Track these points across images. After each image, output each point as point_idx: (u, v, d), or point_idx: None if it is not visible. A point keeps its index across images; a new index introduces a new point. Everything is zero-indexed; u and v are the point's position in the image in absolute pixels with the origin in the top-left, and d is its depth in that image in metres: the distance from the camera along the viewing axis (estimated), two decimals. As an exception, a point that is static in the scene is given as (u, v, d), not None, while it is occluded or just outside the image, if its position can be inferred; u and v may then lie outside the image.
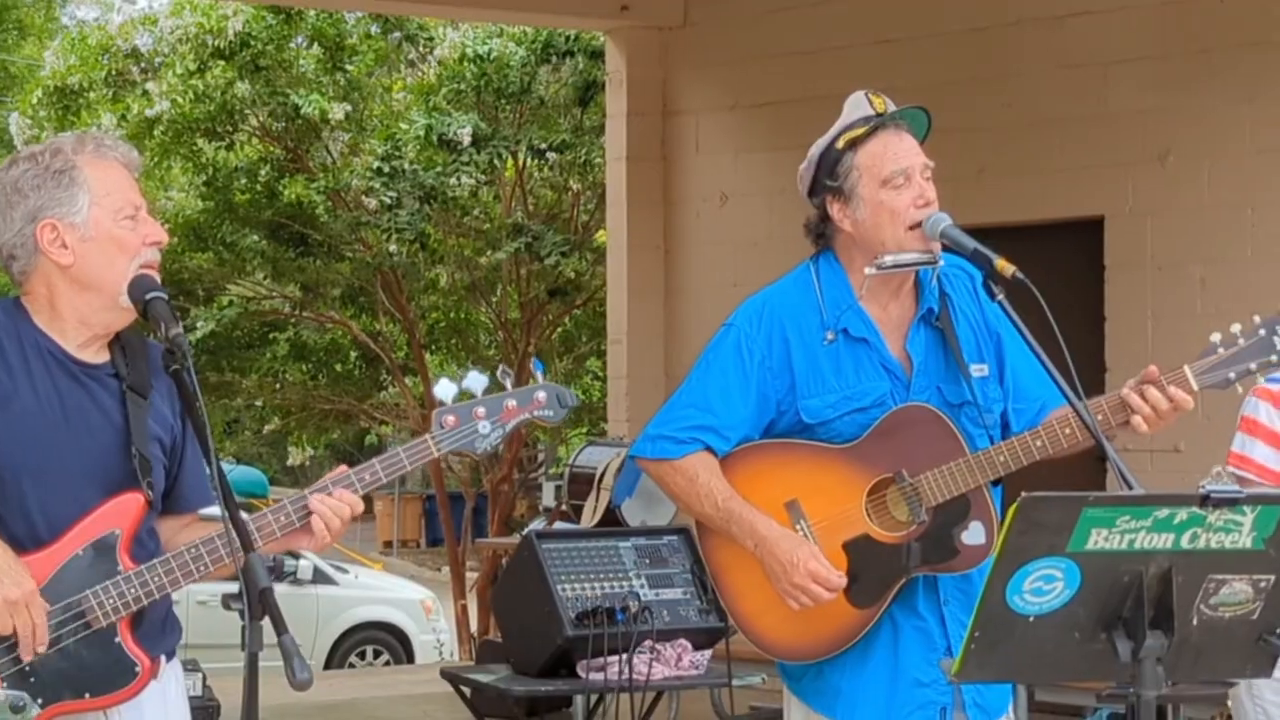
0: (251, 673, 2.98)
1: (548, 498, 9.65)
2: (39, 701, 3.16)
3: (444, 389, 3.40)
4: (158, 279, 3.36)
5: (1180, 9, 8.27)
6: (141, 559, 3.24)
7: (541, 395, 3.42)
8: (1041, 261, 8.51)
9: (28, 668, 3.16)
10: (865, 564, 3.74)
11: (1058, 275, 8.54)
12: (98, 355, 3.34)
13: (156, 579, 3.21)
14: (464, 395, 3.39)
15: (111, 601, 3.19)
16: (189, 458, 3.38)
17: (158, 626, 3.34)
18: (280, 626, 2.91)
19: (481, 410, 3.38)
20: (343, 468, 3.36)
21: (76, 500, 3.22)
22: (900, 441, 3.74)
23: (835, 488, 3.75)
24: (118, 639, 3.21)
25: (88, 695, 3.19)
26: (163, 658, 3.36)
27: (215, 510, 3.23)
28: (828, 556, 3.76)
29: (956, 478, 3.72)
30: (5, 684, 3.14)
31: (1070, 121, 8.61)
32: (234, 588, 3.04)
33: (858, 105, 3.86)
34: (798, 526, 3.78)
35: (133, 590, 3.20)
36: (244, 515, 3.18)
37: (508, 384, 3.42)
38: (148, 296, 3.29)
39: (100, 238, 3.28)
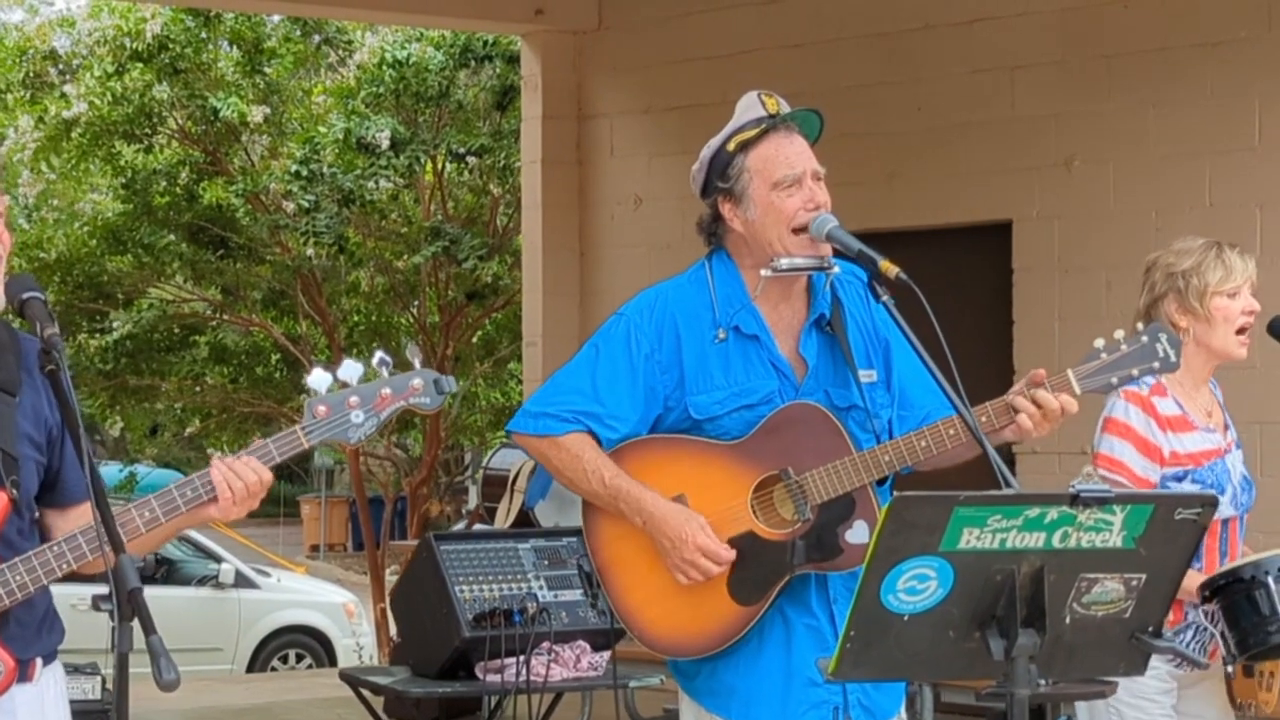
0: (121, 674, 2.96)
1: (474, 501, 9.64)
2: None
3: (317, 379, 3.34)
4: (31, 278, 3.31)
5: (1084, 15, 8.34)
6: (9, 559, 3.20)
7: (417, 382, 3.36)
8: (950, 265, 8.65)
9: (-113, 667, 3.13)
10: (750, 561, 3.75)
11: (967, 278, 8.62)
12: None
13: (18, 577, 3.17)
14: (338, 384, 3.34)
15: None
16: (71, 450, 3.32)
17: (32, 628, 3.30)
18: (149, 627, 2.88)
19: (355, 399, 3.33)
20: (216, 461, 3.34)
21: None
22: (786, 439, 3.76)
23: (722, 484, 3.76)
24: None
25: None
26: (39, 660, 3.32)
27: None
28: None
29: (841, 476, 3.74)
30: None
31: (978, 126, 8.67)
32: (106, 589, 3.01)
33: (750, 106, 3.88)
34: None
35: None
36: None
37: (384, 372, 3.38)
38: (23, 296, 3.25)
39: None
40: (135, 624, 2.93)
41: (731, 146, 3.84)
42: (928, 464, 3.82)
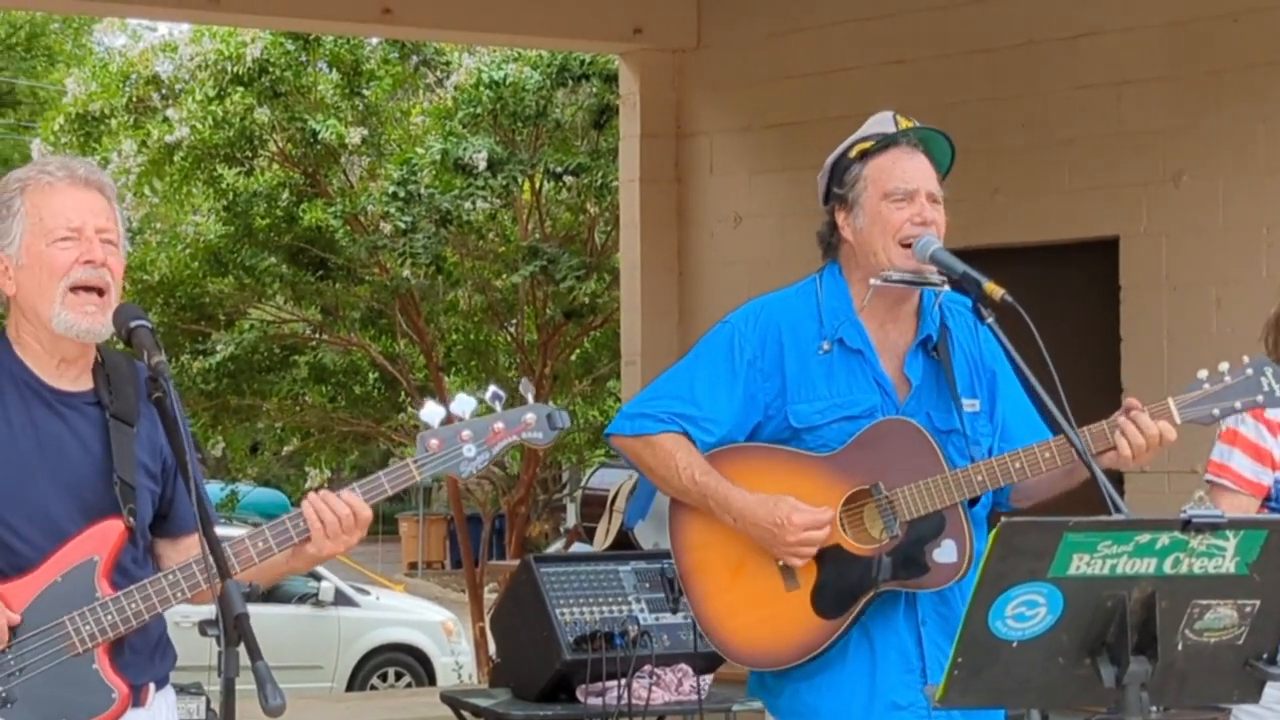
0: (228, 700, 2.98)
1: (572, 519, 9.65)
2: (17, 728, 3.17)
3: (430, 412, 3.38)
4: (137, 307, 3.33)
5: (1193, 29, 8.24)
6: (124, 586, 3.24)
7: (530, 417, 3.40)
8: (1056, 282, 8.56)
9: (4, 692, 3.16)
10: (834, 574, 3.74)
11: (1073, 296, 8.52)
12: (77, 383, 3.34)
13: (134, 605, 3.21)
14: (450, 418, 3.37)
15: (89, 628, 3.19)
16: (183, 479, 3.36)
17: (145, 654, 3.34)
18: (255, 653, 2.91)
19: (467, 433, 3.36)
20: (309, 495, 3.36)
21: (55, 529, 3.23)
22: (880, 454, 3.75)
23: (811, 495, 3.74)
24: (95, 665, 3.21)
25: None
26: (151, 685, 3.36)
27: (234, 531, 3.24)
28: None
29: (932, 494, 3.72)
30: (-16, 711, 3.15)
31: (1084, 142, 8.58)
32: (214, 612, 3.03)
33: (880, 121, 3.90)
34: None
35: (109, 617, 3.20)
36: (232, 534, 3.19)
37: (498, 406, 3.40)
38: (131, 325, 3.28)
39: (31, 264, 3.28)
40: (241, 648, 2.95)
41: (853, 154, 3.86)
42: (1024, 497, 3.82)
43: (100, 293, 3.28)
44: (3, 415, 3.25)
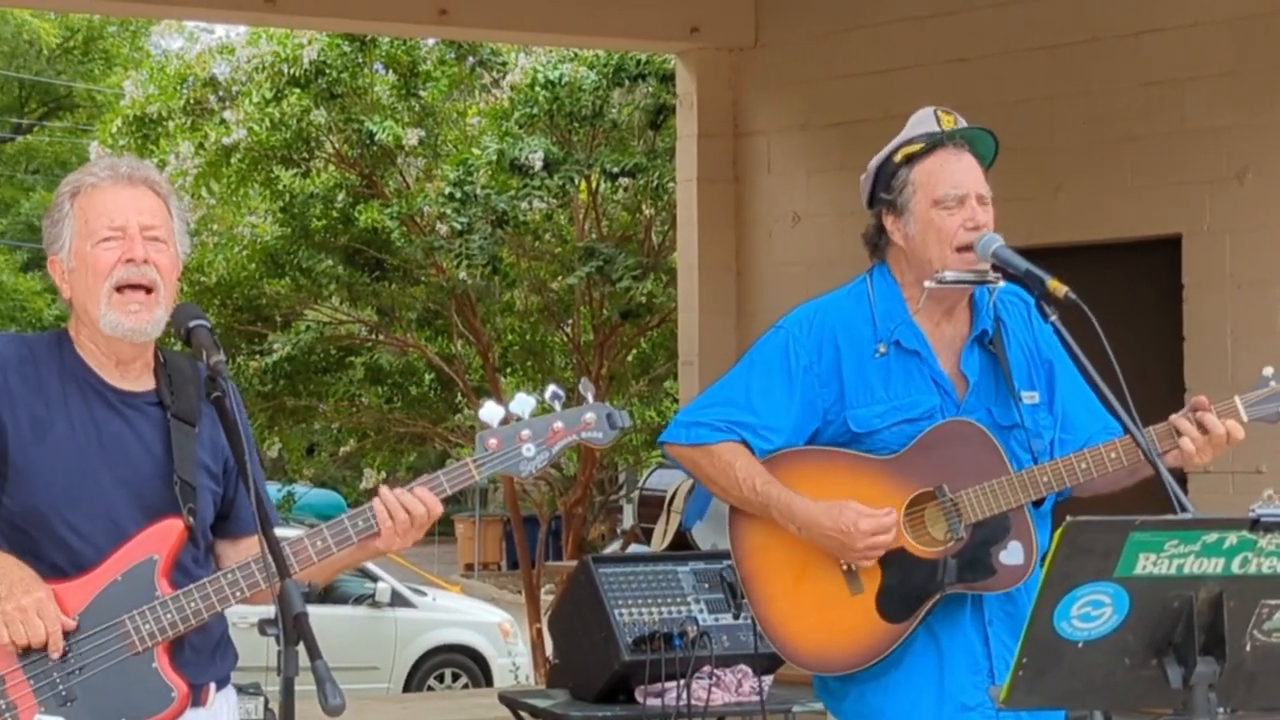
0: (287, 699, 2.97)
1: (629, 520, 9.63)
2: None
3: (489, 412, 3.37)
4: (196, 307, 3.33)
5: (1257, 25, 8.16)
6: (184, 586, 3.24)
7: (590, 416, 3.39)
8: (1119, 280, 8.49)
9: (64, 690, 3.17)
10: (899, 578, 3.72)
11: (1135, 294, 8.46)
12: (139, 383, 3.34)
13: (193, 604, 3.22)
14: (510, 418, 3.36)
15: (148, 626, 3.20)
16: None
17: (205, 653, 3.34)
18: (314, 652, 2.90)
19: (526, 433, 3.35)
20: (381, 491, 3.36)
21: (115, 528, 3.24)
22: (942, 456, 3.73)
23: (874, 499, 3.72)
24: (155, 664, 3.21)
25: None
26: (212, 685, 3.37)
27: (291, 532, 3.26)
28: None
29: (997, 495, 3.69)
30: (43, 709, 3.15)
31: (1147, 139, 8.51)
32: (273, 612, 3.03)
33: (923, 120, 3.86)
34: None
35: (169, 615, 3.20)
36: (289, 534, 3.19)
37: (557, 405, 3.38)
38: (189, 324, 3.29)
39: (80, 266, 3.30)
40: (300, 648, 2.95)
41: (898, 158, 3.82)
42: (1087, 490, 3.77)
43: (147, 290, 3.27)
44: (64, 415, 3.26)
